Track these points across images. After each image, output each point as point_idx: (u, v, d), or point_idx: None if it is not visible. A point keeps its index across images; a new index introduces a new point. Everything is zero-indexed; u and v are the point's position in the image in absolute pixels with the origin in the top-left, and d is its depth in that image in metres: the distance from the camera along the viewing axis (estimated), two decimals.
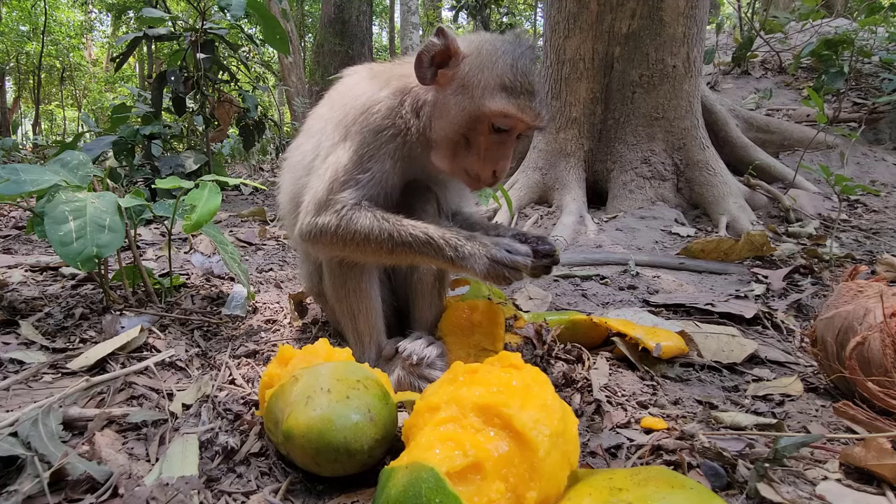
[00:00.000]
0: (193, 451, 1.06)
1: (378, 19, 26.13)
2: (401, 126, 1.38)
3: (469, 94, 1.31)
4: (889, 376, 1.15)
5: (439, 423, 0.88)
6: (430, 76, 1.35)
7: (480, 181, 1.37)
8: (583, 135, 4.37)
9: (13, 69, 19.45)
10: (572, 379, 1.40)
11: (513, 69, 1.29)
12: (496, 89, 1.29)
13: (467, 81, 1.32)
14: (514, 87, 1.29)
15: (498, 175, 1.35)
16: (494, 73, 1.29)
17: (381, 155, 1.37)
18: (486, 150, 1.34)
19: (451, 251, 1.25)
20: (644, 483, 0.77)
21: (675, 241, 3.46)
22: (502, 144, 1.34)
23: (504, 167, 1.35)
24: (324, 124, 1.49)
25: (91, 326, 1.67)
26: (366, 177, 1.36)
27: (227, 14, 3.86)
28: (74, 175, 1.75)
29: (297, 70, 13.42)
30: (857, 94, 5.82)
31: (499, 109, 1.28)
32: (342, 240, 1.32)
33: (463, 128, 1.33)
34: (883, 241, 3.34)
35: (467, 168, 1.36)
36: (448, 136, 1.36)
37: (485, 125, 1.32)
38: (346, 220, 1.31)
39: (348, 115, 1.41)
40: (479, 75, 1.31)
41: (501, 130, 1.32)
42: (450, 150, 1.37)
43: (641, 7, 4.02)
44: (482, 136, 1.33)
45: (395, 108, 1.39)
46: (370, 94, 1.41)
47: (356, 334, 1.48)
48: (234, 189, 6.01)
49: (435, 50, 1.33)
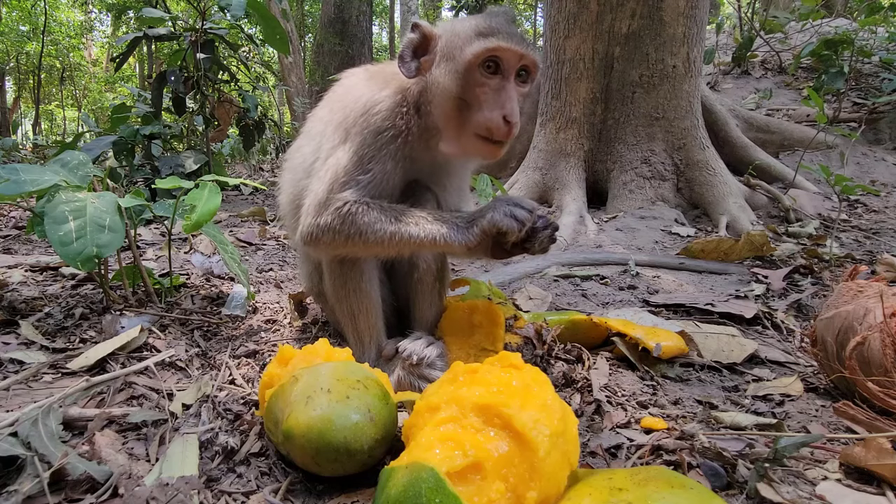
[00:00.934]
0: (193, 451, 1.06)
1: (378, 19, 26.13)
2: (401, 126, 1.38)
3: (451, 58, 1.34)
4: (889, 376, 1.15)
5: (439, 423, 0.88)
6: (414, 68, 1.37)
7: (493, 136, 1.32)
8: (583, 135, 4.37)
9: (13, 69, 19.44)
10: (572, 379, 1.40)
11: (487, 21, 1.33)
12: (473, 38, 1.31)
13: (447, 51, 1.35)
14: (490, 29, 1.31)
15: (509, 119, 1.29)
16: (469, 29, 1.33)
17: (382, 156, 1.37)
18: (487, 100, 1.31)
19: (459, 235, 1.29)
20: (644, 483, 0.77)
21: (675, 241, 3.46)
22: (502, 89, 1.32)
23: (512, 110, 1.29)
24: (324, 127, 1.49)
25: (91, 326, 1.67)
26: (366, 178, 1.36)
27: (227, 14, 3.86)
28: (74, 175, 1.75)
29: (297, 70, 13.42)
30: (857, 94, 5.82)
31: (481, 48, 1.29)
32: (345, 237, 1.32)
33: (457, 89, 1.32)
34: (883, 241, 3.34)
35: (477, 130, 1.33)
36: (447, 109, 1.35)
37: (475, 74, 1.31)
38: (349, 217, 1.31)
39: (349, 117, 1.41)
40: (456, 39, 1.34)
41: (494, 74, 1.31)
42: (454, 122, 1.35)
43: (641, 7, 4.02)
44: (477, 88, 1.31)
45: (395, 107, 1.39)
46: (370, 95, 1.41)
47: (356, 334, 1.48)
48: (234, 189, 6.01)
49: (415, 44, 1.37)
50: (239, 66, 7.16)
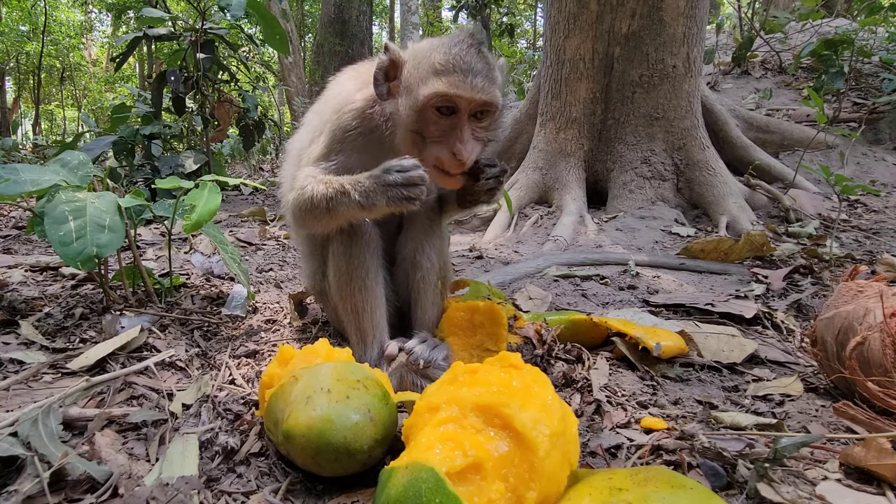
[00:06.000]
0: (193, 451, 1.06)
1: (378, 19, 26.11)
2: (369, 126, 1.46)
3: (410, 92, 1.36)
4: (889, 376, 1.15)
5: (439, 423, 0.88)
6: (385, 91, 1.42)
7: (446, 169, 1.36)
8: (583, 135, 4.37)
9: (13, 69, 19.44)
10: (572, 379, 1.40)
11: (445, 55, 1.32)
12: (429, 76, 1.33)
13: (408, 83, 1.38)
14: (447, 68, 1.31)
15: (459, 156, 1.31)
16: (427, 64, 1.34)
17: (347, 149, 1.47)
18: (440, 137, 1.36)
19: (357, 194, 1.31)
20: (644, 483, 0.77)
21: (675, 241, 3.46)
22: (454, 128, 1.34)
23: (463, 149, 1.31)
24: (313, 117, 1.62)
25: (91, 326, 1.67)
26: (331, 164, 1.45)
27: (227, 14, 3.86)
28: (74, 175, 1.75)
29: (297, 70, 13.42)
30: (857, 94, 5.82)
31: (432, 92, 1.31)
32: (302, 210, 1.41)
33: (412, 124, 1.37)
34: (883, 241, 3.34)
35: (433, 163, 1.37)
36: (406, 138, 1.41)
37: (428, 113, 1.34)
38: (302, 192, 1.40)
39: (326, 112, 1.52)
40: (416, 72, 1.36)
41: (447, 114, 1.34)
42: (413, 151, 1.39)
43: (641, 7, 4.02)
44: (431, 126, 1.35)
45: (366, 109, 1.46)
46: (345, 95, 1.50)
47: (359, 333, 1.47)
48: (234, 189, 6.01)
49: (385, 66, 1.40)
50: (239, 66, 7.16)
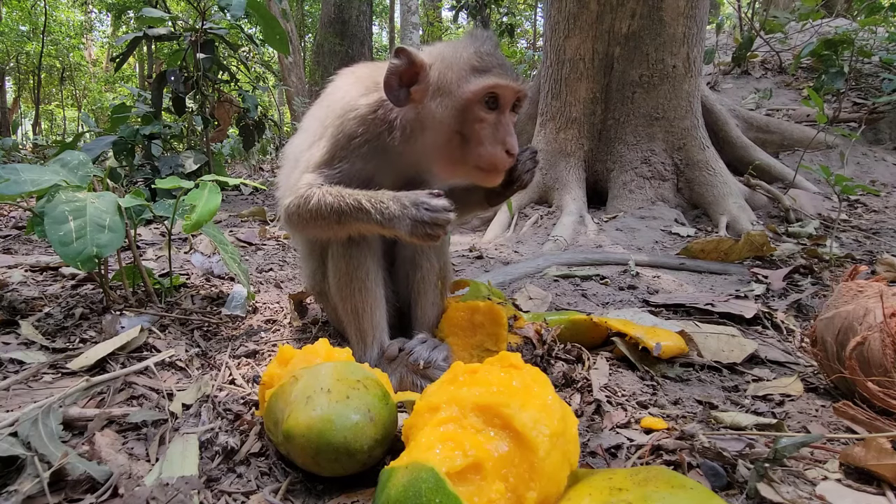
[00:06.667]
0: (193, 451, 1.05)
1: (378, 19, 26.11)
2: (374, 132, 1.43)
3: (448, 93, 1.36)
4: (889, 376, 1.15)
5: (439, 424, 0.88)
6: (403, 97, 1.39)
7: (497, 167, 1.38)
8: (583, 135, 4.37)
9: (13, 69, 19.44)
10: (572, 379, 1.40)
11: (477, 53, 1.36)
12: (470, 74, 1.34)
13: (441, 84, 1.37)
14: (485, 65, 1.34)
15: (511, 152, 1.37)
16: (463, 64, 1.35)
17: (352, 157, 1.43)
18: (488, 134, 1.36)
19: (378, 214, 1.29)
20: (644, 483, 0.77)
21: (675, 241, 3.46)
22: (500, 123, 1.37)
23: (513, 143, 1.36)
24: (311, 121, 1.58)
25: (91, 326, 1.67)
26: (333, 172, 1.43)
27: (227, 14, 3.87)
28: (74, 175, 1.75)
29: (297, 70, 13.42)
30: (857, 94, 5.82)
31: (481, 86, 1.32)
32: (303, 218, 1.39)
33: (455, 125, 1.36)
34: (883, 241, 3.34)
35: (477, 163, 1.37)
36: (442, 143, 1.39)
37: (475, 110, 1.34)
38: (305, 199, 1.37)
39: (328, 117, 1.48)
40: (450, 73, 1.36)
41: (493, 108, 1.35)
42: (449, 155, 1.39)
43: (641, 7, 4.02)
44: (477, 123, 1.35)
45: (370, 114, 1.43)
46: (348, 100, 1.46)
47: (359, 333, 1.47)
48: (234, 189, 6.01)
49: (400, 70, 1.37)
50: (239, 66, 7.16)
